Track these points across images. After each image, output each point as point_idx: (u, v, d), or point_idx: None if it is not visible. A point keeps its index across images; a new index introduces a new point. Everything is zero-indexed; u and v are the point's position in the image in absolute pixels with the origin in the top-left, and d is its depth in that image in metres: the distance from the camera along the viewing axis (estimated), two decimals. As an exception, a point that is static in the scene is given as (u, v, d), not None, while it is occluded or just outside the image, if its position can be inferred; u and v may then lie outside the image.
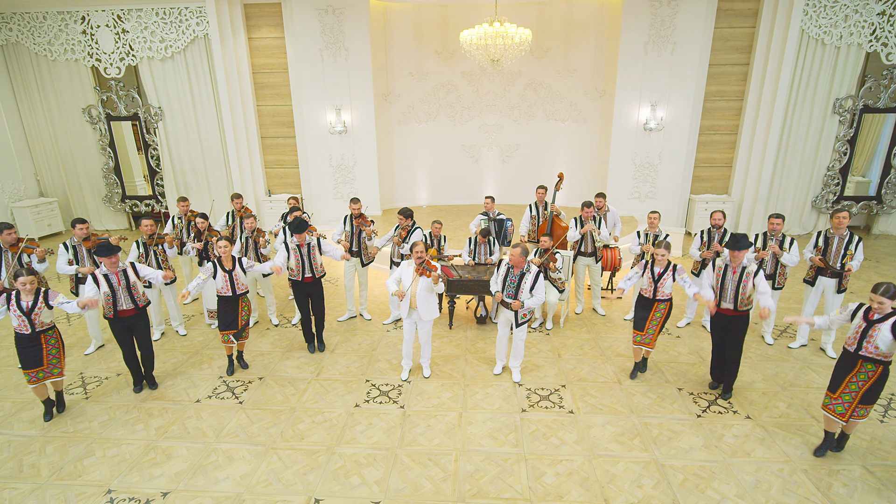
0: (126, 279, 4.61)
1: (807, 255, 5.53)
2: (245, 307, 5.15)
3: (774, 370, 5.27)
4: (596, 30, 10.41)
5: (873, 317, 3.60)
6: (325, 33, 9.80)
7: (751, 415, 4.51)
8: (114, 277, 4.55)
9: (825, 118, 9.89)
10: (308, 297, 5.59)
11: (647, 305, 4.92)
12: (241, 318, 5.10)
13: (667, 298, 4.88)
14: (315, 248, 5.47)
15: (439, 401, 4.78)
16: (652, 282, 4.84)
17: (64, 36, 10.18)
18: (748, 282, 4.47)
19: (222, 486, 3.70)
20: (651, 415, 4.53)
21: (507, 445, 4.12)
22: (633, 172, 10.33)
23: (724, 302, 4.60)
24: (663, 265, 4.82)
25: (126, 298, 4.62)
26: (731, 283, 4.54)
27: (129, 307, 4.65)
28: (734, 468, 3.84)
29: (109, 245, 4.46)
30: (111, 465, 3.94)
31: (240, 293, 5.06)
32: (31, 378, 4.34)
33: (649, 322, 4.90)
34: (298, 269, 5.43)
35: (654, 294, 4.85)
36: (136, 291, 4.69)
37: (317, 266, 5.48)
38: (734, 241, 4.44)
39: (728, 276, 4.57)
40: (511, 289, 4.82)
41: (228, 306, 5.06)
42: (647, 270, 4.90)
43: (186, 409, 4.67)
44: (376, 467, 3.88)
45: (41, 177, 11.33)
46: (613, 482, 3.71)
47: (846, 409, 3.73)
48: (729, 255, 4.53)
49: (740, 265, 4.51)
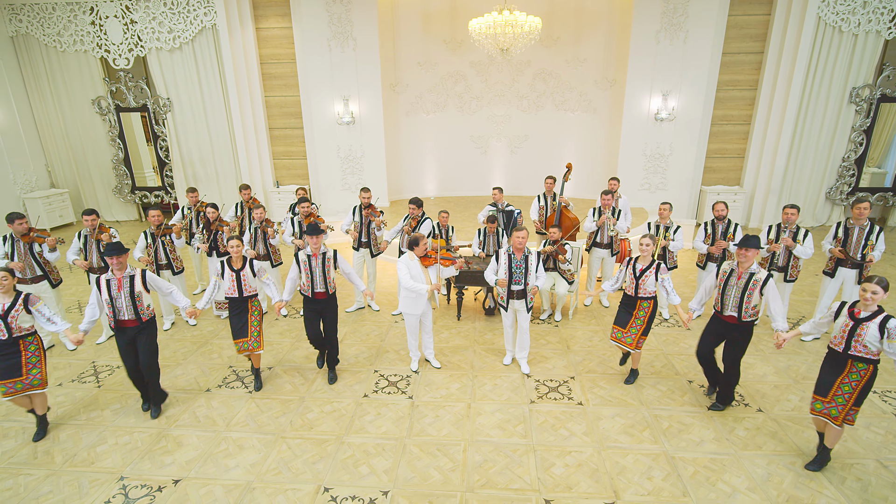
0: (131, 287, 4.10)
1: (826, 246, 5.43)
2: (255, 311, 4.69)
3: (787, 363, 5.21)
4: (606, 18, 10.25)
5: (860, 314, 3.38)
6: (333, 23, 9.73)
7: (763, 408, 4.47)
8: (115, 282, 4.07)
9: (841, 108, 9.69)
10: (320, 316, 4.82)
11: (630, 304, 4.63)
12: (251, 325, 4.63)
13: (650, 297, 4.56)
14: (330, 261, 4.73)
15: (448, 391, 4.78)
16: (633, 278, 4.56)
17: (73, 27, 10.20)
18: (754, 290, 3.99)
19: (233, 474, 3.73)
20: (661, 407, 4.50)
21: (516, 436, 4.12)
22: (643, 163, 10.21)
23: (726, 310, 4.14)
24: (647, 261, 4.52)
25: (128, 308, 4.11)
26: (735, 289, 4.04)
27: (132, 318, 4.15)
28: (745, 461, 3.81)
29: (120, 246, 4.08)
30: (123, 452, 3.99)
31: (247, 295, 4.63)
32: (7, 389, 3.88)
33: (633, 320, 4.60)
34: (308, 284, 4.72)
35: (636, 291, 4.59)
36: (141, 303, 4.17)
37: (331, 281, 4.76)
38: (744, 240, 4.00)
39: (732, 282, 4.07)
40: (520, 274, 4.75)
41: (237, 310, 4.65)
42: (628, 267, 4.62)
43: (197, 398, 4.71)
44: (385, 457, 3.89)
45: (52, 168, 11.42)
46: (623, 474, 3.69)
47: (840, 412, 3.49)
48: (736, 254, 4.09)
49: (747, 270, 4.02)
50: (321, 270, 4.73)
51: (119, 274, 4.11)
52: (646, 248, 4.52)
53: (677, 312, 4.47)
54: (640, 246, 4.55)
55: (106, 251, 4.07)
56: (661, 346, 5.61)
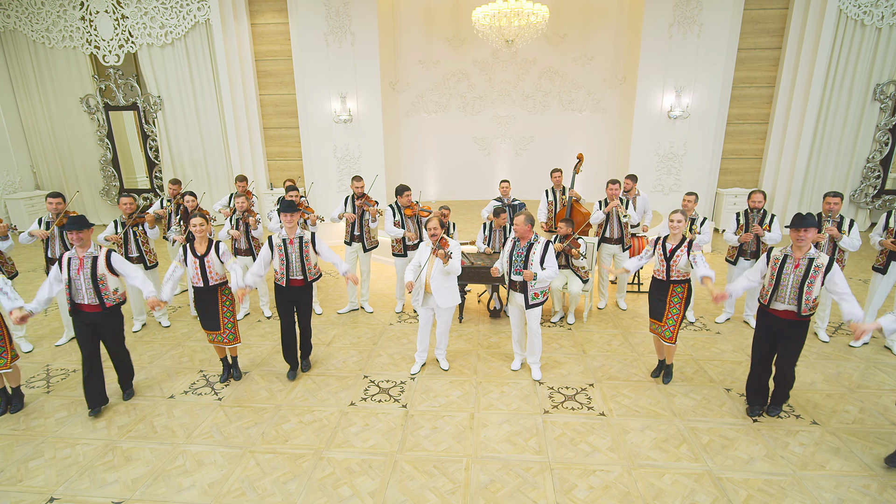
0: (93, 269, 3.68)
1: (874, 238, 4.81)
2: (226, 302, 4.22)
3: (836, 370, 4.55)
4: (616, 13, 9.84)
5: None
6: (331, 17, 9.33)
7: (817, 420, 3.80)
8: (76, 262, 3.68)
9: (864, 105, 9.17)
10: (293, 305, 4.35)
11: (662, 289, 4.15)
12: (222, 317, 4.20)
13: (683, 279, 4.07)
14: (309, 244, 4.25)
15: (448, 399, 4.13)
16: (664, 260, 4.08)
17: (62, 22, 9.84)
18: (816, 278, 3.38)
19: (185, 496, 3.08)
20: (697, 418, 3.83)
21: (529, 452, 3.46)
22: (656, 164, 9.66)
23: (780, 302, 3.54)
24: (677, 239, 4.07)
25: (88, 290, 3.69)
26: (793, 278, 3.44)
27: (92, 302, 3.73)
28: (808, 483, 3.14)
29: (82, 220, 3.68)
30: (60, 468, 3.34)
31: (213, 284, 4.12)
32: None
33: (668, 309, 4.12)
34: (282, 272, 4.20)
35: (668, 274, 4.08)
36: (105, 287, 3.75)
37: (310, 266, 4.28)
38: (798, 219, 3.37)
39: (788, 269, 3.48)
40: (519, 263, 4.18)
41: (204, 300, 4.18)
42: (657, 247, 4.15)
43: (157, 406, 4.07)
44: (371, 476, 3.24)
45: (37, 169, 10.95)
46: (661, 498, 3.03)
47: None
48: (791, 237, 3.45)
49: (806, 255, 3.42)
50: (298, 255, 4.18)
51: (81, 252, 3.71)
52: (677, 226, 4.00)
53: (707, 285, 3.79)
54: (671, 223, 4.03)
55: (66, 225, 3.66)
56: (689, 350, 4.95)
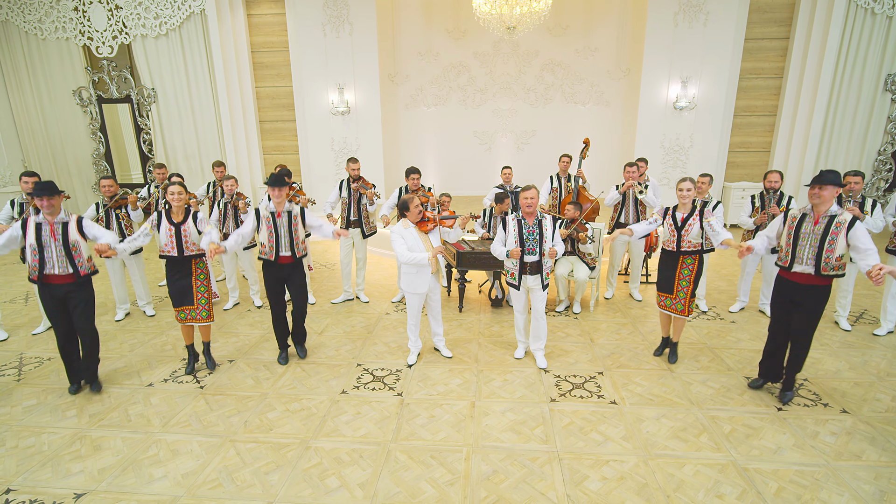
0: (64, 235, 3.50)
1: (890, 219, 4.55)
2: (201, 275, 3.96)
3: (861, 358, 4.26)
4: (619, 3, 9.63)
5: None
6: (329, 6, 9.13)
7: (847, 408, 3.50)
8: (47, 227, 3.47)
9: (875, 97, 8.92)
10: (283, 283, 4.14)
11: (672, 261, 3.94)
12: (196, 291, 3.92)
13: (695, 250, 3.86)
14: (297, 217, 4.05)
15: (446, 388, 3.84)
16: (675, 230, 3.86)
17: (55, 13, 9.64)
18: (838, 235, 3.14)
19: (156, 487, 2.78)
20: (717, 407, 3.54)
21: (535, 441, 3.17)
22: (661, 156, 9.41)
23: (798, 264, 3.29)
24: (687, 209, 3.86)
25: (60, 260, 3.50)
26: (812, 237, 3.21)
27: (64, 272, 3.53)
28: (844, 474, 2.84)
29: (52, 185, 3.45)
30: (21, 458, 3.05)
31: (189, 255, 3.88)
32: None
33: (678, 282, 3.90)
34: (272, 245, 3.99)
35: (678, 245, 3.86)
36: (79, 254, 3.58)
37: (298, 242, 4.04)
38: (819, 176, 3.18)
39: (807, 227, 3.24)
40: (532, 242, 3.89)
41: (177, 272, 3.91)
42: (667, 217, 3.93)
43: (134, 394, 3.78)
44: (362, 466, 2.95)
45: (28, 162, 10.70)
46: (682, 490, 2.73)
47: None
48: (808, 195, 3.24)
49: (826, 213, 3.20)
50: (287, 230, 3.94)
51: (51, 219, 3.50)
52: (686, 194, 3.79)
53: (731, 244, 3.63)
54: (679, 192, 3.81)
55: (36, 191, 3.40)
56: (703, 339, 4.66)
